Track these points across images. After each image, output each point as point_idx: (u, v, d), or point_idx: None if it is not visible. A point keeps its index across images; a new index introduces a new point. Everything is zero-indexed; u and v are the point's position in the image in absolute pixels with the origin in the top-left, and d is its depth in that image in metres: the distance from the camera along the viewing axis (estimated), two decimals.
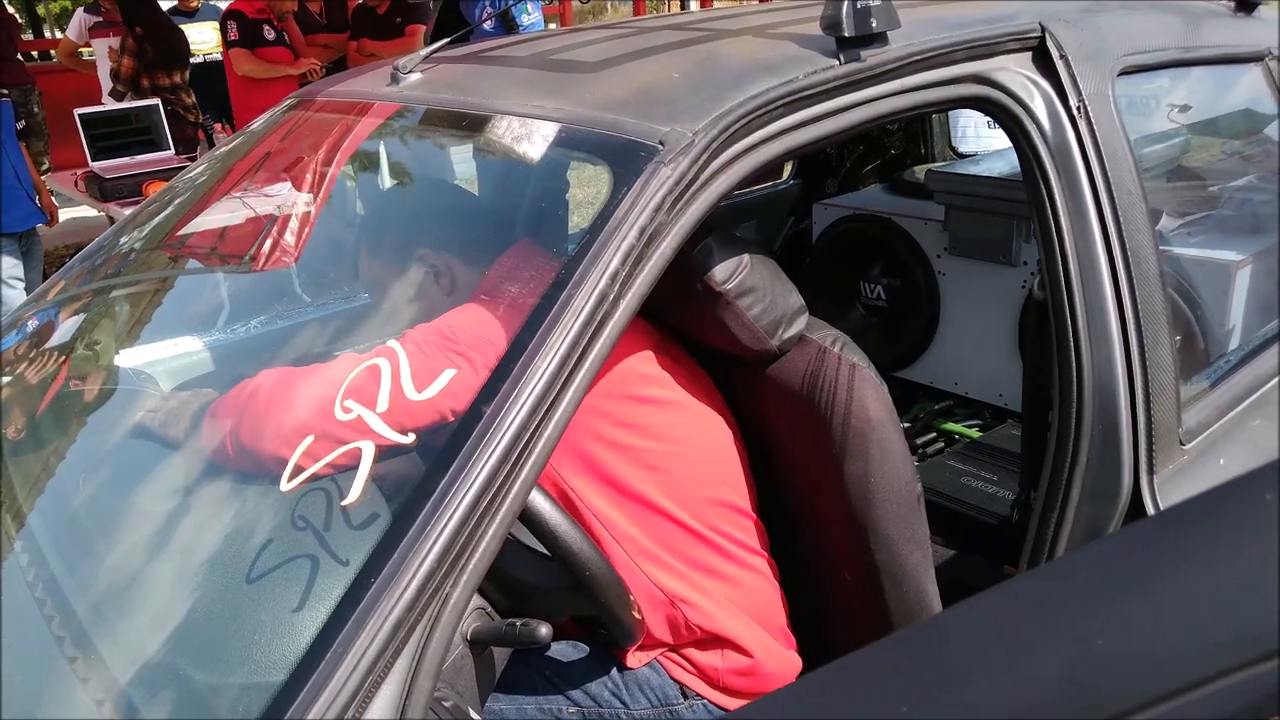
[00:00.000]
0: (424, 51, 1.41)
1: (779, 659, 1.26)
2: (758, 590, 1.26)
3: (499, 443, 0.79)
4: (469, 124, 1.20)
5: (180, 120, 4.74)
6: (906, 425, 2.24)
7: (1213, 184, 1.89)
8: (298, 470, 0.85)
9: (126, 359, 1.47)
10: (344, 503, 0.81)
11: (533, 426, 0.81)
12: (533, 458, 0.81)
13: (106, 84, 5.10)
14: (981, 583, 1.77)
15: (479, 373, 0.87)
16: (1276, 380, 1.56)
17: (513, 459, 0.80)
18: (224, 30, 4.89)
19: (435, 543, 0.75)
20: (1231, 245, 1.76)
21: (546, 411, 0.82)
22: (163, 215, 1.67)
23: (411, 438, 0.86)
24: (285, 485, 0.84)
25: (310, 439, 0.87)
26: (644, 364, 1.22)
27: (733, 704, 1.24)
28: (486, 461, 0.78)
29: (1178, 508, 0.39)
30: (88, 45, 5.34)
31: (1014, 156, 1.30)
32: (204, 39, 5.66)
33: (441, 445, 0.81)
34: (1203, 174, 1.88)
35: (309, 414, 0.90)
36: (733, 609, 1.22)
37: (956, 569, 1.78)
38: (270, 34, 4.83)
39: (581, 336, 0.86)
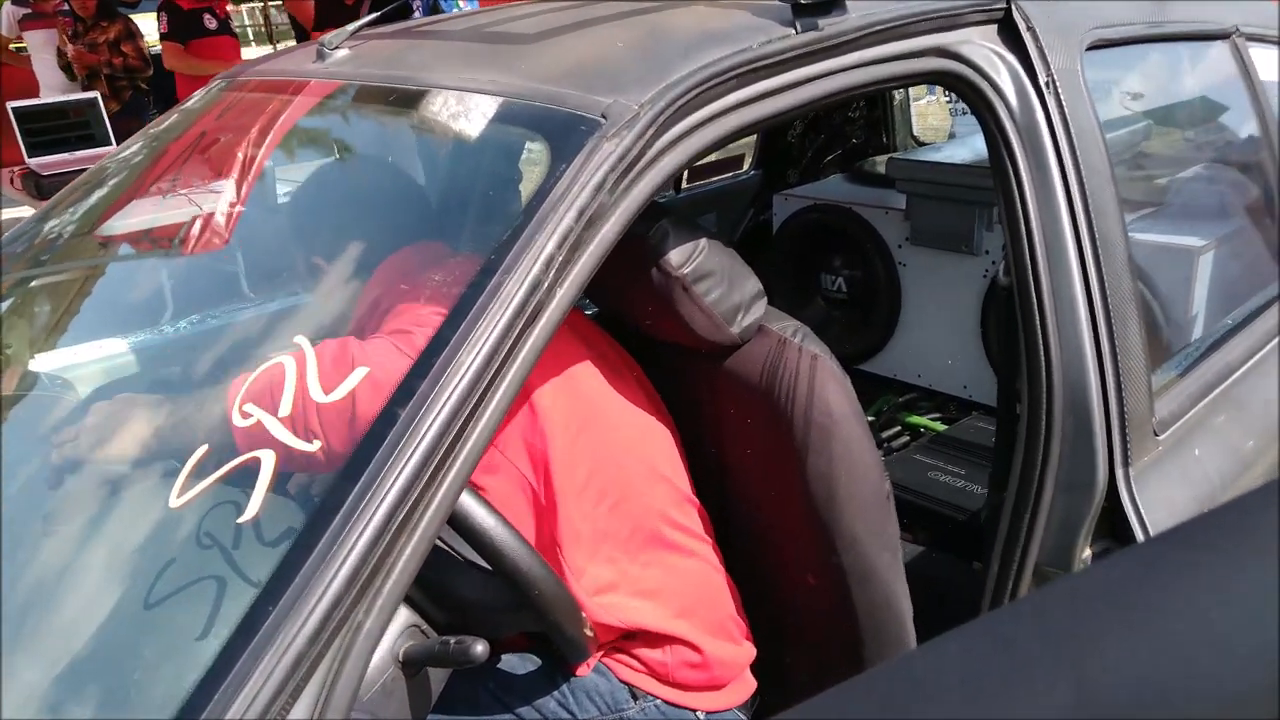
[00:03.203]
0: (351, 27, 1.32)
1: (728, 649, 1.20)
2: (702, 578, 1.19)
3: (416, 449, 0.70)
4: (397, 99, 1.11)
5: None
6: (870, 419, 2.18)
7: (1177, 166, 1.86)
8: (187, 485, 0.74)
9: (42, 363, 1.35)
10: (240, 520, 0.71)
11: (455, 430, 0.72)
12: (456, 466, 0.72)
13: (45, 76, 4.94)
14: (949, 579, 1.75)
15: (395, 370, 0.78)
16: (1239, 372, 1.52)
17: (432, 468, 0.71)
18: (158, 21, 4.72)
19: (343, 564, 0.66)
20: (1194, 230, 1.72)
21: (472, 413, 0.74)
22: (88, 202, 1.55)
23: (317, 445, 0.77)
24: (174, 501, 0.74)
25: (203, 449, 0.77)
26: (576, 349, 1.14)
27: (688, 699, 1.18)
28: (402, 471, 0.69)
29: (1160, 537, 0.34)
30: (19, 39, 5.16)
31: (977, 143, 1.24)
32: (148, 30, 5.46)
33: (351, 453, 0.72)
34: (1167, 155, 1.84)
35: (200, 419, 0.80)
36: (664, 607, 1.14)
37: (923, 566, 1.73)
38: (212, 23, 4.66)
39: (512, 328, 0.77)
